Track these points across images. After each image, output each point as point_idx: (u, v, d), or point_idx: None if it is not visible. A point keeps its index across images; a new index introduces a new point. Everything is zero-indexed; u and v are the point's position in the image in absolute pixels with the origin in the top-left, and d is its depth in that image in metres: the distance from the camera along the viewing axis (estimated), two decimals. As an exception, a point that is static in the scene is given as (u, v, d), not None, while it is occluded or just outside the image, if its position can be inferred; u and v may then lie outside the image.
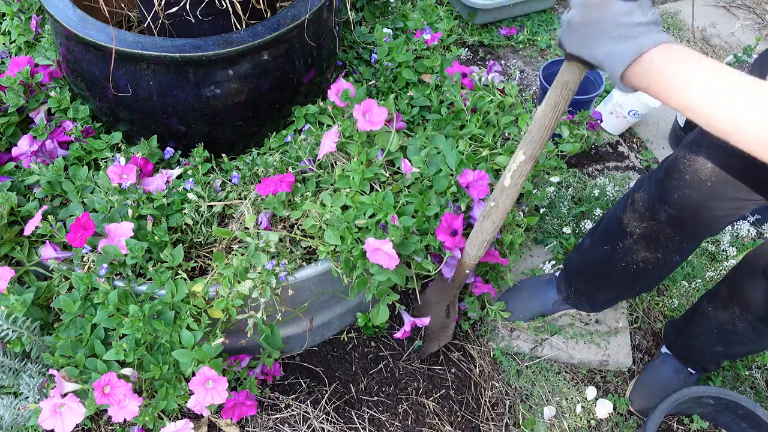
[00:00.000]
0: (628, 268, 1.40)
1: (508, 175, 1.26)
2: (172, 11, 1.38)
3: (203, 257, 1.44)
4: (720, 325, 1.44)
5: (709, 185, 1.14)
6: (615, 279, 1.48)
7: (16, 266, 1.35)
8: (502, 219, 1.34)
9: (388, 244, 1.22)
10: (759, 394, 1.68)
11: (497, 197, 1.31)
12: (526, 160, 1.21)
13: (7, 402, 1.30)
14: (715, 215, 1.20)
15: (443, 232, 1.36)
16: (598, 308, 1.69)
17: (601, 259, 1.47)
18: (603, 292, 1.59)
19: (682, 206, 1.20)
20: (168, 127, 1.46)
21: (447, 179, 1.42)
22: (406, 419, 1.58)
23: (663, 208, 1.24)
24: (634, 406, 1.63)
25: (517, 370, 1.68)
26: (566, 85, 1.07)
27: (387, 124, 1.47)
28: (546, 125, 1.14)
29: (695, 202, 1.18)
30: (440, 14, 2.03)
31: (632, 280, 1.45)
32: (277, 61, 1.42)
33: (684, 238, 1.28)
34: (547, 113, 1.13)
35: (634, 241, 1.34)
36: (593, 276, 1.55)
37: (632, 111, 2.27)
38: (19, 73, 1.52)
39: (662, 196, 1.23)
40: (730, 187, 1.13)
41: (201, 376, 1.22)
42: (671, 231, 1.26)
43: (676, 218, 1.23)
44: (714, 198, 1.16)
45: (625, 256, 1.39)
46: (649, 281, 1.47)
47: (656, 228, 1.28)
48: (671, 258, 1.35)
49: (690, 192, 1.18)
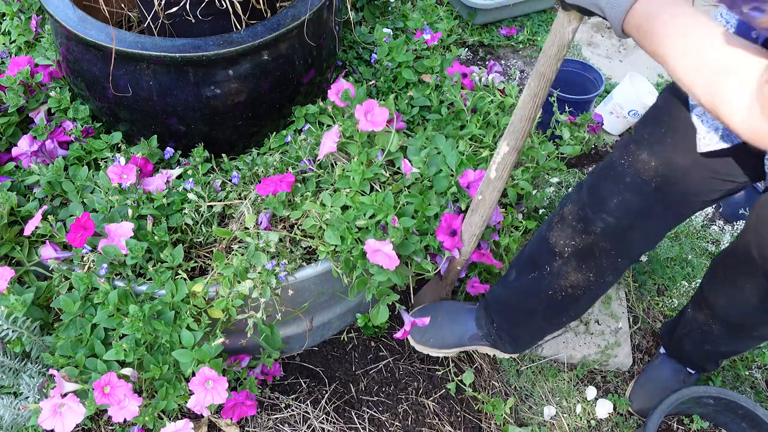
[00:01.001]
0: (555, 296, 1.28)
1: (493, 167, 1.25)
2: (172, 11, 1.38)
3: (203, 257, 1.44)
4: (699, 326, 1.42)
5: (653, 187, 1.05)
6: (539, 310, 1.35)
7: (16, 266, 1.35)
8: (491, 212, 1.33)
9: (389, 246, 1.22)
10: (759, 394, 1.68)
11: (484, 190, 1.31)
12: (510, 151, 1.20)
13: (7, 402, 1.30)
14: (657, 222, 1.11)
15: (443, 232, 1.36)
16: (519, 348, 1.52)
17: (526, 289, 1.34)
18: (526, 328, 1.44)
19: (622, 213, 1.09)
20: (168, 127, 1.46)
21: (447, 179, 1.42)
22: (406, 419, 1.58)
23: (599, 217, 1.11)
24: (633, 406, 1.63)
25: (517, 370, 1.68)
26: (543, 75, 1.06)
27: (387, 125, 1.47)
28: (527, 116, 1.13)
29: (636, 207, 1.08)
30: (440, 14, 2.03)
31: (558, 311, 1.34)
32: (277, 61, 1.42)
33: (621, 252, 1.16)
34: (527, 104, 1.12)
35: (564, 262, 1.21)
36: (516, 310, 1.40)
37: (632, 111, 2.27)
38: (19, 73, 1.52)
39: (598, 204, 1.11)
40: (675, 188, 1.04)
41: (201, 376, 1.22)
42: (607, 244, 1.14)
43: (614, 228, 1.11)
44: (658, 202, 1.07)
45: (552, 282, 1.26)
46: (576, 310, 1.35)
47: (590, 242, 1.15)
48: (603, 279, 1.22)
49: (632, 196, 1.07)
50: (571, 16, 0.97)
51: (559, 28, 1.00)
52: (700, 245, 1.99)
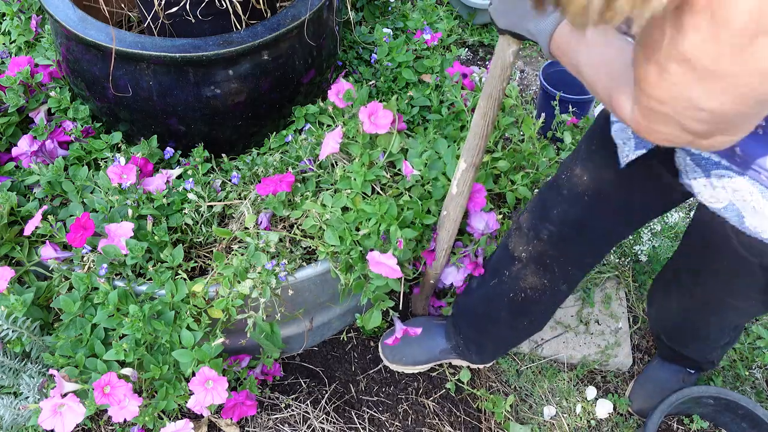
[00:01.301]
0: (515, 299, 1.34)
1: (454, 183, 1.31)
2: (172, 11, 1.38)
3: (203, 257, 1.44)
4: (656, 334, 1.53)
5: (586, 200, 1.12)
6: (502, 316, 1.40)
7: (16, 266, 1.35)
8: (456, 227, 1.38)
9: (393, 260, 1.23)
10: (759, 394, 1.68)
11: (448, 205, 1.35)
12: (468, 167, 1.26)
13: (7, 402, 1.30)
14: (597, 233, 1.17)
15: (428, 252, 1.39)
16: (486, 358, 1.57)
17: (488, 296, 1.41)
18: (490, 336, 1.49)
19: (560, 222, 1.18)
20: (168, 127, 1.46)
21: (445, 189, 1.43)
22: (406, 419, 1.58)
23: (544, 225, 1.20)
24: (633, 406, 1.63)
25: (517, 370, 1.68)
26: (491, 95, 1.12)
27: (389, 126, 1.47)
28: (480, 134, 1.19)
29: (574, 218, 1.16)
30: (440, 14, 2.03)
31: (519, 315, 1.39)
32: (277, 61, 1.42)
33: (567, 261, 1.24)
34: (479, 123, 1.18)
35: (523, 266, 1.29)
36: (480, 317, 1.46)
37: (632, 111, 2.26)
38: (19, 73, 1.52)
39: (543, 214, 1.21)
40: (604, 203, 1.11)
41: (201, 376, 1.22)
42: (554, 252, 1.23)
43: (557, 236, 1.20)
44: (591, 215, 1.14)
45: (512, 285, 1.33)
46: (536, 316, 1.41)
47: (540, 249, 1.24)
48: (558, 286, 1.30)
49: (568, 207, 1.16)
50: (509, 40, 1.04)
51: (501, 51, 1.06)
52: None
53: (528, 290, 1.32)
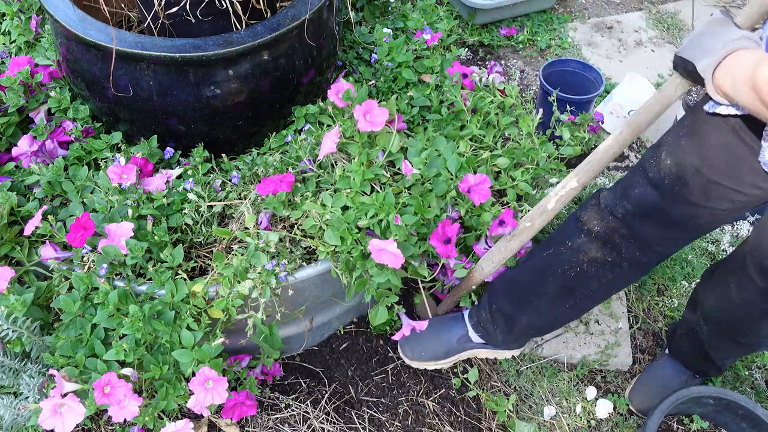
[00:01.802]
0: (569, 271, 1.34)
1: (554, 199, 1.30)
2: (172, 11, 1.38)
3: (203, 257, 1.44)
4: (693, 326, 1.48)
5: (666, 183, 1.16)
6: (548, 289, 1.39)
7: (16, 266, 1.35)
8: (530, 238, 1.38)
9: (393, 244, 1.22)
10: (759, 394, 1.68)
11: (535, 218, 1.34)
12: (578, 187, 1.28)
13: (7, 402, 1.30)
14: (671, 219, 1.19)
15: (437, 238, 1.36)
16: (512, 337, 1.53)
17: (538, 267, 1.40)
18: (528, 311, 1.44)
19: (639, 202, 1.21)
20: (168, 127, 1.46)
21: (447, 183, 1.42)
22: (406, 419, 1.58)
23: (621, 204, 1.24)
24: (634, 405, 1.63)
25: (517, 370, 1.68)
26: (639, 126, 1.18)
27: (388, 125, 1.47)
28: (606, 159, 1.24)
29: (652, 201, 1.19)
30: (440, 14, 2.03)
31: (568, 290, 1.37)
32: (277, 61, 1.42)
33: (637, 242, 1.26)
34: (614, 149, 1.23)
35: (589, 240, 1.30)
36: (524, 288, 1.44)
37: (632, 111, 2.27)
38: (19, 73, 1.52)
39: (624, 192, 1.24)
40: (683, 189, 1.14)
41: (201, 376, 1.22)
42: (627, 231, 1.25)
43: (632, 215, 1.23)
44: (669, 199, 1.17)
45: (571, 256, 1.33)
46: (582, 297, 1.38)
47: (613, 226, 1.27)
48: (621, 263, 1.30)
49: (649, 189, 1.19)
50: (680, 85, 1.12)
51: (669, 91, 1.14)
52: (700, 245, 1.99)
53: (585, 263, 1.33)
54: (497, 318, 1.50)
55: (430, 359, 1.61)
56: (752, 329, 1.32)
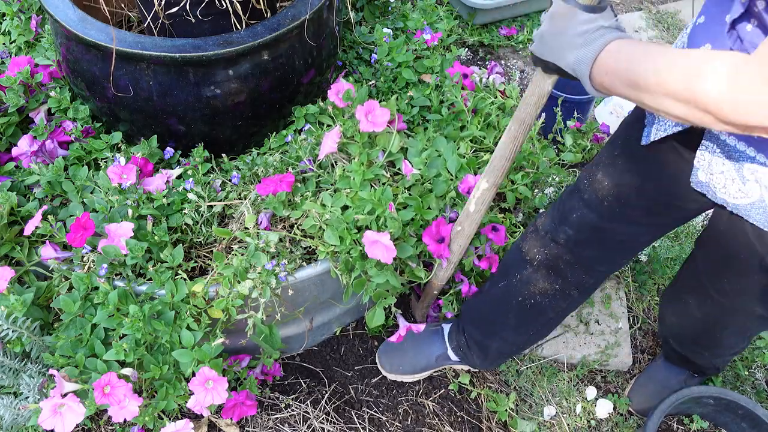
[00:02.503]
0: (524, 303, 1.33)
1: (473, 201, 1.30)
2: (172, 11, 1.38)
3: (203, 257, 1.44)
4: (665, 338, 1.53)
5: (605, 205, 1.12)
6: (509, 320, 1.39)
7: (16, 266, 1.35)
8: (468, 242, 1.38)
9: (386, 236, 1.22)
10: (759, 394, 1.68)
11: (463, 222, 1.35)
12: (489, 187, 1.26)
13: (7, 402, 1.30)
14: (613, 239, 1.18)
15: (430, 236, 1.37)
16: (488, 361, 1.54)
17: (497, 297, 1.40)
18: (496, 338, 1.46)
19: (579, 226, 1.18)
20: (168, 127, 1.46)
21: (446, 183, 1.42)
22: (406, 419, 1.58)
23: (563, 229, 1.21)
24: (634, 405, 1.63)
25: (517, 370, 1.68)
26: (523, 121, 1.13)
27: (388, 125, 1.47)
28: (507, 156, 1.20)
29: (592, 223, 1.16)
30: (440, 14, 2.03)
31: (527, 320, 1.37)
32: (277, 61, 1.42)
33: (581, 266, 1.24)
34: (507, 145, 1.19)
35: (534, 270, 1.28)
36: (488, 318, 1.45)
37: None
38: (19, 73, 1.52)
39: (562, 217, 1.21)
40: (624, 208, 1.11)
41: (201, 376, 1.22)
42: (569, 256, 1.22)
43: (574, 241, 1.20)
44: (610, 219, 1.14)
45: (522, 289, 1.32)
46: (542, 322, 1.39)
47: (556, 253, 1.24)
48: (569, 292, 1.29)
49: (587, 212, 1.16)
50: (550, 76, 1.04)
51: (540, 81, 1.06)
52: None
53: (537, 296, 1.31)
54: (471, 345, 1.52)
55: (407, 373, 1.61)
56: (713, 341, 1.37)
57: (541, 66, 0.97)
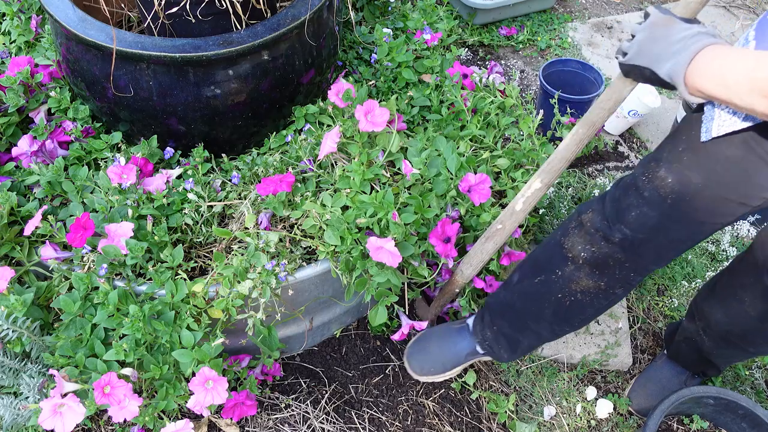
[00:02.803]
0: (563, 300, 1.29)
1: (521, 200, 1.28)
2: (172, 11, 1.38)
3: (203, 257, 1.44)
4: (690, 335, 1.46)
5: (668, 203, 1.09)
6: (545, 315, 1.35)
7: (16, 266, 1.35)
8: (506, 240, 1.36)
9: (391, 242, 1.22)
10: (759, 394, 1.68)
11: (505, 220, 1.33)
12: (542, 187, 1.26)
13: (7, 402, 1.29)
14: (672, 239, 1.14)
15: (437, 236, 1.36)
16: (515, 354, 1.51)
17: (531, 293, 1.35)
18: (528, 333, 1.42)
19: (637, 225, 1.13)
20: (168, 127, 1.46)
21: (447, 183, 1.42)
22: (406, 419, 1.58)
23: (618, 228, 1.15)
24: (634, 405, 1.63)
25: (517, 370, 1.68)
26: (594, 124, 1.14)
27: (388, 125, 1.47)
28: (568, 158, 1.20)
29: (653, 222, 1.12)
30: (440, 14, 2.03)
31: (564, 317, 1.34)
32: (277, 61, 1.42)
33: (634, 265, 1.20)
34: (571, 147, 1.19)
35: (577, 268, 1.24)
36: (521, 313, 1.40)
37: (632, 111, 2.27)
38: (19, 73, 1.52)
39: (618, 215, 1.16)
40: (688, 206, 1.08)
41: (201, 376, 1.21)
42: (622, 255, 1.18)
43: (630, 240, 1.15)
44: (673, 219, 1.11)
45: (563, 286, 1.28)
46: (580, 319, 1.35)
47: (606, 251, 1.18)
48: (613, 290, 1.25)
49: (648, 210, 1.11)
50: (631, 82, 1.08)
51: (620, 87, 1.10)
52: (701, 245, 1.99)
53: (579, 293, 1.27)
54: (500, 339, 1.48)
55: (437, 373, 1.58)
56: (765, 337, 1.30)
57: (633, 75, 1.03)
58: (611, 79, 2.57)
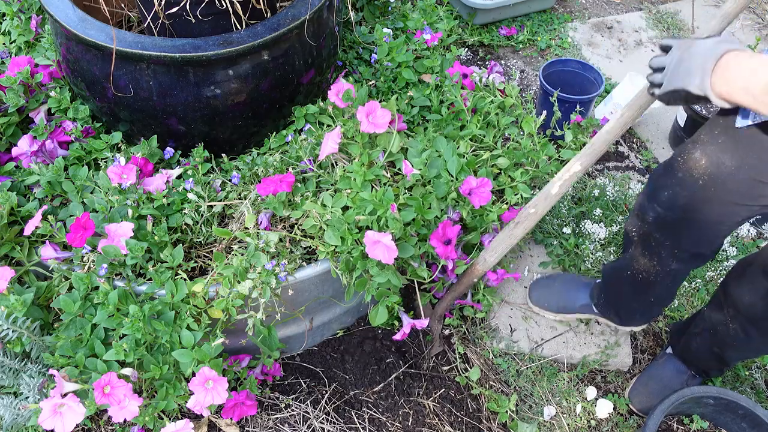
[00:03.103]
0: (635, 277, 1.39)
1: (557, 183, 1.29)
2: (172, 11, 1.38)
3: (203, 257, 1.44)
4: (713, 325, 1.45)
5: (700, 184, 1.13)
6: (626, 289, 1.46)
7: (16, 266, 1.35)
8: (535, 224, 1.38)
9: (388, 237, 1.22)
10: (759, 394, 1.68)
11: (538, 204, 1.34)
12: (581, 170, 1.26)
13: (7, 402, 1.30)
14: (705, 219, 1.17)
15: (437, 238, 1.36)
16: (624, 321, 1.64)
17: (617, 267, 1.47)
18: (623, 304, 1.57)
19: (669, 205, 1.18)
20: (168, 127, 1.46)
21: (447, 185, 1.42)
22: (406, 419, 1.58)
23: (652, 206, 1.22)
24: (634, 404, 1.63)
25: (517, 370, 1.68)
26: (642, 107, 1.17)
27: (389, 126, 1.47)
28: (609, 140, 1.23)
29: (684, 202, 1.16)
30: (440, 14, 2.03)
31: (640, 291, 1.43)
32: (277, 61, 1.42)
33: (674, 243, 1.24)
34: (615, 131, 1.22)
35: (634, 247, 1.32)
36: (613, 285, 1.54)
37: (632, 111, 2.26)
38: (19, 73, 1.52)
39: (653, 194, 1.22)
40: (720, 188, 1.11)
41: (201, 376, 1.22)
42: (659, 235, 1.23)
43: (663, 219, 1.20)
44: (704, 200, 1.14)
45: (631, 263, 1.37)
46: (658, 294, 1.44)
47: (645, 230, 1.25)
48: (668, 266, 1.31)
49: (680, 190, 1.16)
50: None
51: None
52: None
53: (641, 272, 1.35)
54: (609, 306, 1.61)
55: (551, 310, 1.70)
56: None
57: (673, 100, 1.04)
58: (611, 79, 2.57)
